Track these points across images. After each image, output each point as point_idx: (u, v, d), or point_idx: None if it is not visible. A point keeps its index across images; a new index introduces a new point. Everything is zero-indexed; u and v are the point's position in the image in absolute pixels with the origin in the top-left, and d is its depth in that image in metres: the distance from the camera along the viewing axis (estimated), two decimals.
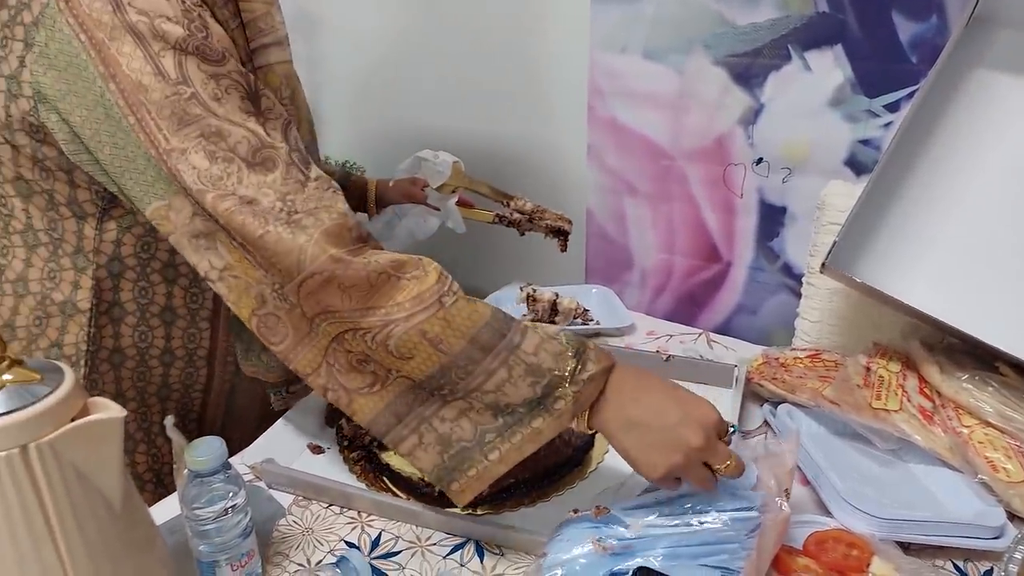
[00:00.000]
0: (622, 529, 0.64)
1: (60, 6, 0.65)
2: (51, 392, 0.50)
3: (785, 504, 0.66)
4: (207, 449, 0.63)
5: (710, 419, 0.65)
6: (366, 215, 1.16)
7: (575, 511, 0.69)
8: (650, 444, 0.64)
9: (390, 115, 1.54)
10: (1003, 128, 0.91)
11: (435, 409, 0.69)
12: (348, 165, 1.56)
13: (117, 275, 0.80)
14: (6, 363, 0.50)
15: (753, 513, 0.64)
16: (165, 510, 0.76)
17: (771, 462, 0.68)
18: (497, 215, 1.18)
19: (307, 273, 0.64)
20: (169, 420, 0.65)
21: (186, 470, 0.63)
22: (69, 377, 0.51)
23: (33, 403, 0.49)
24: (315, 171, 0.70)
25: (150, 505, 0.69)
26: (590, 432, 0.68)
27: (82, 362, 0.80)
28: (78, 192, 0.74)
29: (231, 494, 0.64)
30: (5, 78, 0.68)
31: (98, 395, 0.70)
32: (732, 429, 0.67)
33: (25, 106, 0.68)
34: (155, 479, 0.90)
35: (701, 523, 0.63)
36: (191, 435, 0.80)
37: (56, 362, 0.52)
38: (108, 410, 0.51)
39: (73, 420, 0.50)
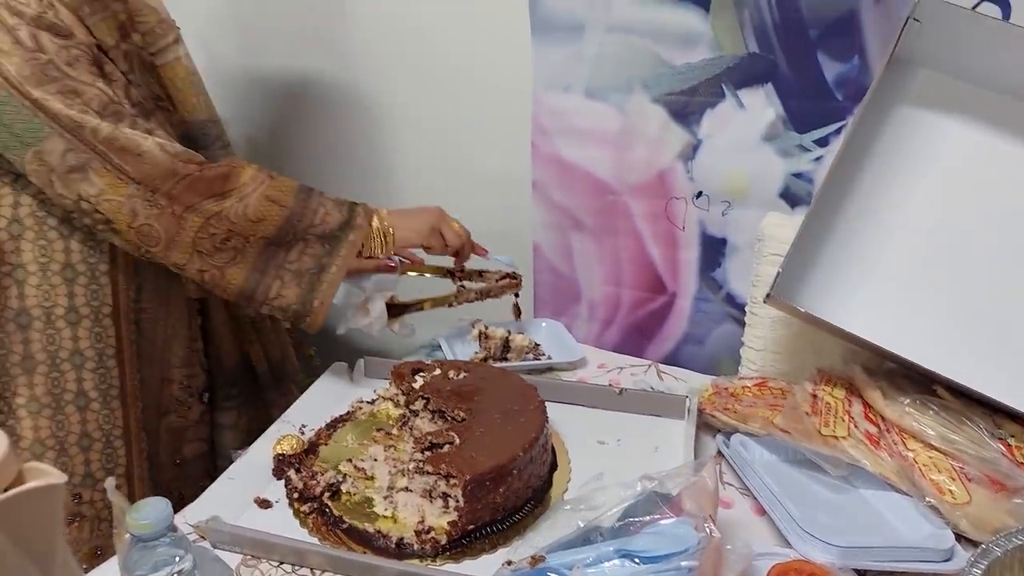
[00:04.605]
0: None
1: None
2: None
3: (715, 530, 0.66)
4: (151, 511, 0.60)
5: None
6: None
7: (508, 563, 0.69)
8: (415, 215, 1.07)
9: (335, 151, 1.53)
10: (926, 161, 0.95)
11: (283, 256, 0.95)
12: None
13: (17, 237, 0.90)
14: None
15: (690, 555, 0.64)
16: None
17: (694, 489, 0.69)
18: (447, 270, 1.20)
19: (181, 175, 0.89)
20: (110, 482, 0.61)
21: (127, 535, 0.60)
22: (2, 444, 0.48)
23: None
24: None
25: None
26: (393, 254, 1.07)
27: None
28: None
29: (177, 558, 0.60)
30: None
31: (5, 357, 0.91)
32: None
33: None
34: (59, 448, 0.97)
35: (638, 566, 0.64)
36: (105, 394, 0.97)
37: None
38: (47, 476, 0.48)
39: (7, 490, 0.47)
